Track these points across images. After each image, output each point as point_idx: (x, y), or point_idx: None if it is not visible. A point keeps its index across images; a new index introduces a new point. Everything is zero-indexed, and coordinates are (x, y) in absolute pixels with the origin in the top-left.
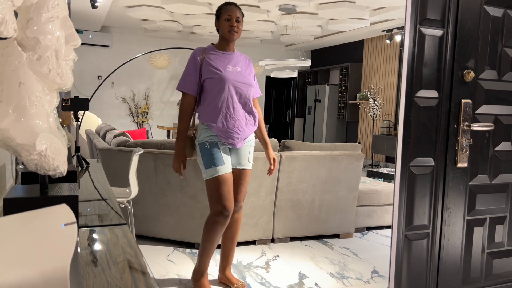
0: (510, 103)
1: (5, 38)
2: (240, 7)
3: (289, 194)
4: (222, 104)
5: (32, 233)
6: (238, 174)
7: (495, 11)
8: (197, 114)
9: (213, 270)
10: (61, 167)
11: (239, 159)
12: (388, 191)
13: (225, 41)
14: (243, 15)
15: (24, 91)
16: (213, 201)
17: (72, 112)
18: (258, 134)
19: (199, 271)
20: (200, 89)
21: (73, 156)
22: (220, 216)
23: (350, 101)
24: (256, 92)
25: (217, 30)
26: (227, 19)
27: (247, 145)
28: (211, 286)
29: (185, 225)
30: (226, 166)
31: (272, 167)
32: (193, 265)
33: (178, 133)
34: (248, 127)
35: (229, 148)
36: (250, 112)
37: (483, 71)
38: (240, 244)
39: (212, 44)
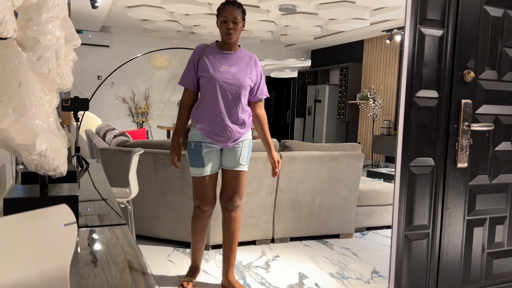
0: (510, 103)
1: (5, 38)
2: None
3: (289, 194)
4: (209, 104)
5: (32, 233)
6: (230, 175)
7: (495, 11)
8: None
9: (214, 271)
10: (61, 167)
11: (230, 160)
12: (388, 191)
13: (224, 42)
14: (243, 12)
15: (24, 91)
16: (193, 196)
17: (72, 112)
18: (261, 136)
19: (191, 266)
20: (198, 87)
21: (73, 156)
22: (197, 209)
23: (350, 101)
24: (261, 94)
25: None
26: (223, 21)
27: (238, 146)
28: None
29: (185, 225)
30: (206, 168)
31: (276, 170)
32: None
33: (175, 126)
34: (236, 129)
35: (221, 148)
36: (238, 115)
37: (483, 71)
38: (240, 244)
39: (216, 41)
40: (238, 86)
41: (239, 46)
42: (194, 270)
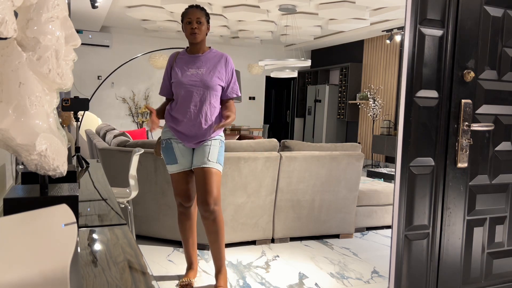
0: (510, 103)
1: (5, 38)
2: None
3: (289, 194)
4: (179, 106)
5: (32, 233)
6: (200, 174)
7: (495, 11)
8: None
9: (214, 271)
10: (61, 167)
11: (198, 158)
12: (388, 191)
13: (191, 44)
14: (207, 15)
15: (24, 91)
16: (174, 194)
17: (72, 112)
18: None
19: (187, 266)
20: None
21: (73, 156)
22: (180, 207)
23: (350, 101)
24: (231, 93)
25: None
26: (188, 22)
27: (207, 145)
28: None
29: None
30: (179, 165)
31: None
32: None
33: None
34: (202, 130)
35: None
36: (208, 115)
37: (483, 71)
38: (240, 244)
39: (186, 47)
40: (205, 87)
41: (210, 47)
42: (190, 268)
